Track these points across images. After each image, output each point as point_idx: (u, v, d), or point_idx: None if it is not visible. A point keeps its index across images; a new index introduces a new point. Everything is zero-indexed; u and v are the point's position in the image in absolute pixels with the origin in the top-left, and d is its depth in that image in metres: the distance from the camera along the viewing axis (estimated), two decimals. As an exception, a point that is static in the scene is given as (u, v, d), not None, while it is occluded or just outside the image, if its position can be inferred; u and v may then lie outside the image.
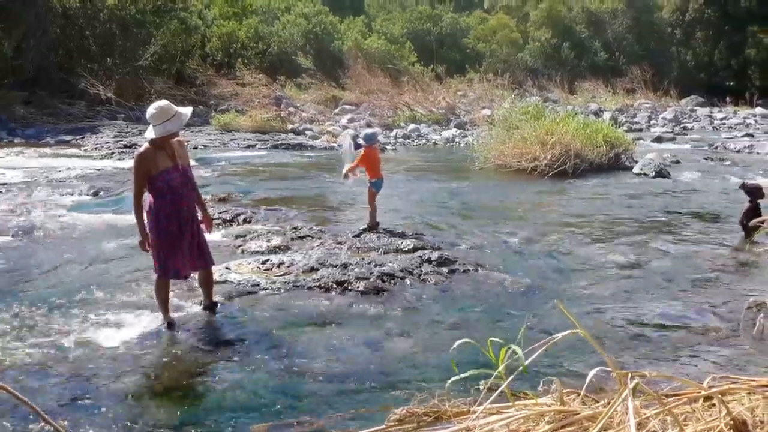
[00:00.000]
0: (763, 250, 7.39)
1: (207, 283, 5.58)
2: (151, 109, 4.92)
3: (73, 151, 17.29)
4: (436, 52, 40.54)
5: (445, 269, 6.74)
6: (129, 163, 14.92)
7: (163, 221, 5.04)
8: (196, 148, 18.37)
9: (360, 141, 8.27)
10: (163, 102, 5.05)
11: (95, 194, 11.10)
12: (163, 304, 5.27)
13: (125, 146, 17.83)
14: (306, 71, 29.62)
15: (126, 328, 5.14)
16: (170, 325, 5.20)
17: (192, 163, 5.27)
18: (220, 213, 9.04)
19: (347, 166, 8.34)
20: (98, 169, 13.88)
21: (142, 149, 5.00)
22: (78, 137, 19.63)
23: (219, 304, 5.67)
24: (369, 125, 22.50)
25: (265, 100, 25.12)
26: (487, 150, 14.77)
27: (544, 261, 7.37)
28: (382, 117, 24.82)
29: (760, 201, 8.11)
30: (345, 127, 21.77)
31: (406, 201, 10.95)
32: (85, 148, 17.85)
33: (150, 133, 4.94)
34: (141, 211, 5.03)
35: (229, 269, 6.51)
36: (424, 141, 21.50)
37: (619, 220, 9.49)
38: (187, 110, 5.08)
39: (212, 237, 8.12)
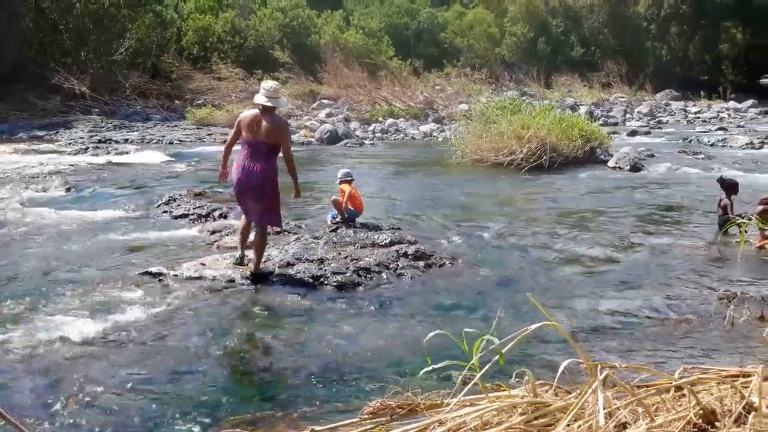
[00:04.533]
0: (735, 243, 7.49)
1: (255, 245, 6.24)
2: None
3: (47, 146, 17.02)
4: (413, 46, 40.52)
5: (421, 263, 6.76)
6: (103, 158, 14.75)
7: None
8: (171, 143, 18.20)
9: (343, 178, 8.33)
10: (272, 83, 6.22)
11: (68, 190, 10.95)
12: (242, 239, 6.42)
13: (99, 141, 17.62)
14: (283, 65, 29.41)
15: (96, 324, 5.03)
16: (241, 259, 6.31)
17: (166, 158, 5.26)
18: (195, 208, 9.01)
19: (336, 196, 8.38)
20: (72, 165, 13.68)
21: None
22: (52, 132, 19.36)
23: (268, 275, 6.23)
24: (347, 119, 22.45)
25: (242, 94, 24.90)
26: (465, 144, 14.81)
27: (519, 254, 7.41)
28: (360, 111, 24.73)
29: (733, 196, 8.21)
30: (323, 122, 21.66)
31: (384, 195, 10.95)
32: (59, 143, 17.61)
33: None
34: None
35: (204, 265, 6.45)
36: (402, 136, 21.50)
37: (593, 214, 9.57)
38: (259, 98, 6.07)
39: (188, 232, 8.15)
